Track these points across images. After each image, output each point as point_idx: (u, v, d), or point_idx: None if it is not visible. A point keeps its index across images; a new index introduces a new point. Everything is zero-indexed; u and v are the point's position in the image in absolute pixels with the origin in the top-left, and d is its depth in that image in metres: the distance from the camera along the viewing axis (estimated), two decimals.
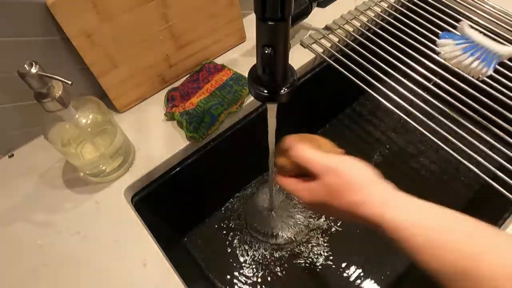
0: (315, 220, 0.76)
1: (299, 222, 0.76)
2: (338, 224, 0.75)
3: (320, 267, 0.71)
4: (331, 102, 0.87)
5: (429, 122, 0.56)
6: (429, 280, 0.31)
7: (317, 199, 0.36)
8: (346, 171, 0.34)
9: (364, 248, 0.72)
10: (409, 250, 0.30)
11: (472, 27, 0.47)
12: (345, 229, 0.75)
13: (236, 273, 0.71)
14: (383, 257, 0.71)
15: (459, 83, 0.58)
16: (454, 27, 0.68)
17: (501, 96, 0.57)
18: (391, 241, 0.31)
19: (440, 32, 0.67)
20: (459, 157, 0.52)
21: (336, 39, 0.69)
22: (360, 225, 0.34)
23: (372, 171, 0.36)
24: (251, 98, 0.61)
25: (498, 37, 0.67)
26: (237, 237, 0.75)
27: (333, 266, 0.71)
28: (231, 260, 0.72)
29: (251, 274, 0.71)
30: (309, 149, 0.37)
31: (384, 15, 0.73)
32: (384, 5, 0.75)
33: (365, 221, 0.33)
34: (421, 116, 0.56)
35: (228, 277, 0.71)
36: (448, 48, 0.48)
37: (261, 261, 0.72)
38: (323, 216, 0.76)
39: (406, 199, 0.32)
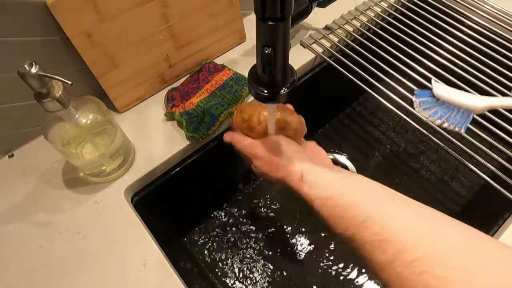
0: (317, 220, 0.76)
1: (301, 222, 0.76)
2: None
3: (321, 267, 0.71)
4: (331, 102, 0.87)
5: (429, 122, 0.56)
6: None
7: (258, 173, 0.45)
8: (268, 156, 0.41)
9: None
10: (321, 217, 0.37)
11: (446, 81, 0.45)
12: None
13: (236, 273, 0.71)
14: None
15: (459, 83, 0.58)
16: (454, 27, 0.69)
17: (501, 96, 0.57)
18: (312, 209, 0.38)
19: (440, 33, 0.67)
20: (459, 157, 0.52)
21: (336, 39, 0.69)
22: None
23: (291, 149, 0.41)
24: (251, 98, 0.61)
25: (498, 37, 0.67)
26: (237, 237, 0.75)
27: (335, 266, 0.71)
28: (231, 260, 0.72)
29: (252, 274, 0.71)
30: (241, 140, 0.45)
31: (384, 15, 0.73)
32: (384, 5, 0.75)
33: (294, 191, 0.39)
34: (421, 116, 0.56)
35: (228, 277, 0.71)
36: (419, 108, 0.47)
37: (261, 260, 0.72)
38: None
39: (319, 174, 0.38)
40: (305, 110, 0.49)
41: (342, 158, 0.85)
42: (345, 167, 0.83)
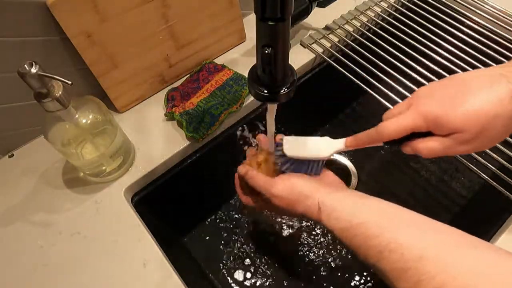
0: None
1: (303, 222, 0.76)
2: None
3: (320, 268, 0.71)
4: (331, 102, 0.87)
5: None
6: None
7: (277, 212, 0.48)
8: (286, 195, 0.42)
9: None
10: (343, 243, 0.38)
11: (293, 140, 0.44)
12: None
13: (236, 273, 0.71)
14: None
15: None
16: (454, 27, 0.69)
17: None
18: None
19: (440, 33, 0.67)
20: (459, 157, 0.52)
21: (336, 39, 0.69)
22: None
23: (308, 185, 0.42)
24: (251, 98, 0.61)
25: (498, 37, 0.67)
26: (237, 237, 0.75)
27: (335, 267, 0.71)
28: (231, 260, 0.72)
29: (251, 274, 0.71)
30: (257, 178, 0.45)
31: (384, 15, 0.73)
32: (384, 5, 0.75)
33: (317, 222, 0.42)
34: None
35: (228, 277, 0.71)
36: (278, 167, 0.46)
37: (261, 261, 0.72)
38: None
39: (335, 203, 0.39)
40: (305, 110, 0.49)
41: (342, 158, 0.85)
42: (345, 167, 0.83)
